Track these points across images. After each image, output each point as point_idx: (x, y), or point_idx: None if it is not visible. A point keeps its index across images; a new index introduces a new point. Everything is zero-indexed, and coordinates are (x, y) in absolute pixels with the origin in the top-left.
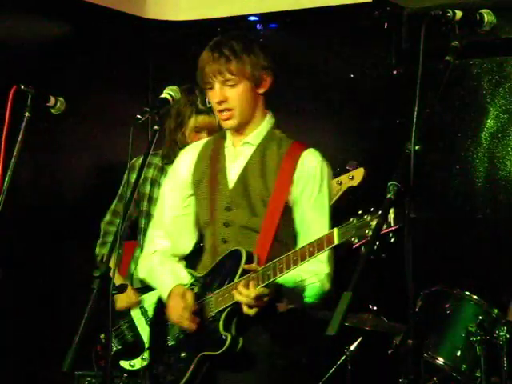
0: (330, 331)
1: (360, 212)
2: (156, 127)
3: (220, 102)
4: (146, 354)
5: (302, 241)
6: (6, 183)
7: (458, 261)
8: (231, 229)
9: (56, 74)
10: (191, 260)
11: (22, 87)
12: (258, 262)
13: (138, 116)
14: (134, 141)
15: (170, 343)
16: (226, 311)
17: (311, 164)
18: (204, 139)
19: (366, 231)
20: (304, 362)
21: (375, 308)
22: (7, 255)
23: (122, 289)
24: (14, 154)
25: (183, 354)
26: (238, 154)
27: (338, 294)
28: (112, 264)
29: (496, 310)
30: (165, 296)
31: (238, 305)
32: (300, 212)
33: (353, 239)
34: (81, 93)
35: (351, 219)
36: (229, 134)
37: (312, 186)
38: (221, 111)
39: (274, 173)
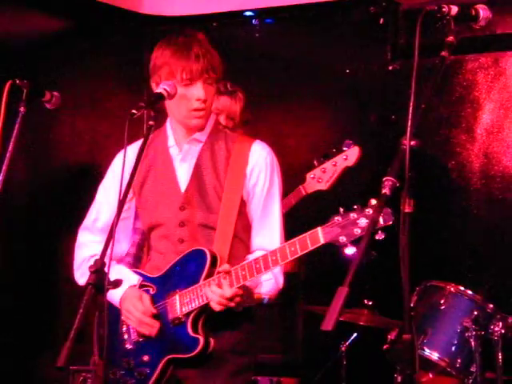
0: (326, 327)
1: (342, 210)
2: (151, 122)
3: (203, 101)
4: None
5: (257, 234)
6: (0, 178)
7: (452, 256)
8: (187, 228)
9: (51, 68)
10: None
11: (17, 82)
12: (221, 262)
13: (133, 111)
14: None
15: (129, 347)
16: (194, 313)
17: (262, 155)
18: (138, 141)
19: (355, 230)
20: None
21: (370, 303)
22: (3, 249)
23: (116, 284)
24: (9, 148)
25: (145, 358)
26: (185, 152)
27: (334, 289)
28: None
29: (491, 305)
30: (117, 299)
31: (205, 306)
32: (254, 204)
33: (340, 238)
34: (76, 88)
35: (335, 218)
36: (171, 133)
37: (264, 178)
38: (198, 110)
39: (224, 167)
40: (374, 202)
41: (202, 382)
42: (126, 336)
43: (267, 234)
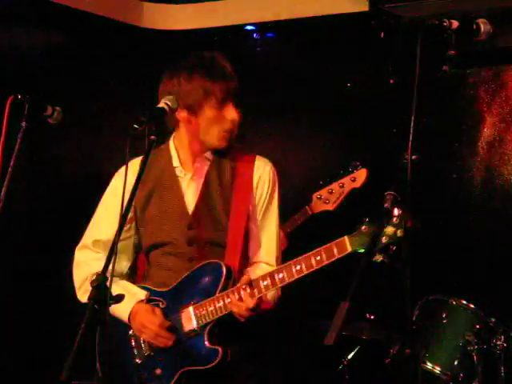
0: (328, 341)
1: (367, 220)
2: (153, 137)
3: (237, 123)
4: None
5: (256, 245)
6: (2, 193)
7: (455, 270)
8: (196, 247)
9: (53, 83)
10: None
11: (19, 97)
12: (235, 274)
13: (135, 126)
14: (131, 150)
15: (139, 361)
16: (211, 325)
17: (266, 170)
18: (137, 159)
19: (384, 239)
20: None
21: (372, 317)
22: (4, 263)
23: (118, 299)
24: (11, 163)
25: (158, 371)
26: (194, 172)
27: (336, 303)
28: (109, 273)
29: (493, 319)
30: (125, 314)
31: (222, 317)
32: (255, 216)
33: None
34: (78, 102)
35: (361, 227)
36: (175, 153)
37: (266, 192)
38: (228, 132)
39: (230, 184)
40: (398, 211)
41: None
42: (135, 351)
43: (266, 246)
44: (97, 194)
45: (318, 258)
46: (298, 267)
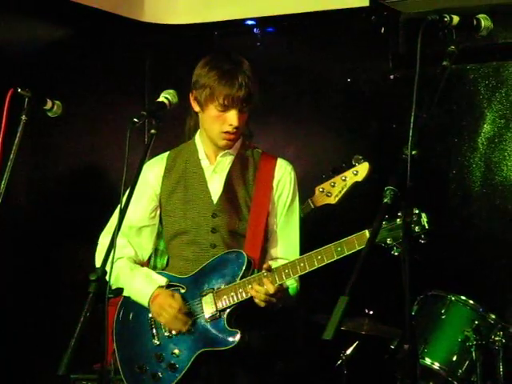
0: (327, 336)
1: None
2: (153, 131)
3: (236, 128)
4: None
5: (278, 243)
6: (3, 186)
7: (454, 265)
8: (219, 234)
9: (53, 77)
10: None
11: (19, 90)
12: (254, 265)
13: (135, 119)
14: (131, 144)
15: (157, 342)
16: (230, 309)
17: (286, 171)
18: (165, 153)
19: (401, 233)
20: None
21: (371, 312)
22: (4, 258)
23: (117, 292)
24: (11, 156)
25: (176, 351)
26: (217, 165)
27: (335, 298)
28: (108, 267)
29: (492, 315)
30: (146, 299)
31: (241, 303)
32: (277, 215)
33: (388, 240)
34: (78, 96)
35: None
36: (201, 146)
37: (288, 192)
38: (229, 133)
39: (252, 180)
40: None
41: (230, 374)
42: (154, 332)
43: (288, 244)
44: (96, 186)
45: (339, 249)
46: (319, 257)
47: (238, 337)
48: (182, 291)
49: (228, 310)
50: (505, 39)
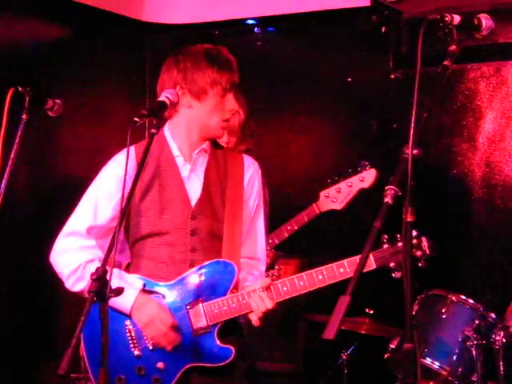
0: (328, 335)
1: (387, 237)
2: (154, 130)
3: (235, 113)
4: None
5: (245, 243)
6: (3, 185)
7: (454, 265)
8: (198, 237)
9: (54, 76)
10: None
11: (20, 89)
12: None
13: (136, 119)
14: (132, 143)
15: (137, 353)
16: (221, 324)
17: (255, 168)
18: (130, 148)
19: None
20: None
21: (372, 312)
22: (5, 257)
23: (118, 292)
24: (12, 156)
25: (160, 365)
26: (194, 162)
27: (336, 298)
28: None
29: (492, 314)
30: (127, 305)
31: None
32: (245, 214)
33: (390, 265)
34: (78, 95)
35: (383, 245)
36: (173, 142)
37: (256, 190)
38: (228, 120)
39: (224, 178)
40: (416, 233)
41: None
42: (133, 342)
43: (255, 243)
44: None
45: (342, 270)
46: (321, 277)
47: (232, 354)
48: (165, 301)
49: (219, 325)
50: (506, 39)
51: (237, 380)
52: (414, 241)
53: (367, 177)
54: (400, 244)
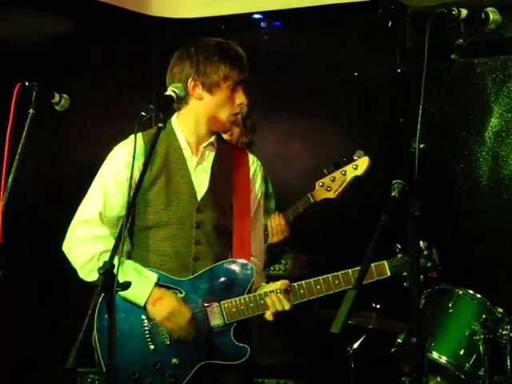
0: (334, 329)
1: (400, 247)
2: (160, 124)
3: (244, 107)
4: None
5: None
6: (10, 179)
7: (461, 259)
8: (203, 230)
9: (60, 70)
10: None
11: (27, 84)
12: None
13: (143, 113)
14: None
15: (152, 347)
16: (237, 323)
17: (258, 164)
18: (138, 136)
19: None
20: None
21: (378, 306)
22: (12, 251)
23: (125, 286)
24: (19, 150)
25: (175, 360)
26: (202, 156)
27: (343, 291)
28: (116, 261)
29: (500, 309)
30: (142, 298)
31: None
32: (254, 210)
33: (404, 273)
34: (85, 90)
35: (398, 255)
36: (181, 135)
37: (259, 188)
38: (236, 114)
39: (231, 174)
40: (424, 244)
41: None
42: (149, 336)
43: (255, 241)
44: None
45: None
46: (337, 281)
47: (247, 353)
48: (181, 295)
49: (235, 324)
50: None
51: (240, 375)
52: (425, 252)
53: (361, 164)
54: None
